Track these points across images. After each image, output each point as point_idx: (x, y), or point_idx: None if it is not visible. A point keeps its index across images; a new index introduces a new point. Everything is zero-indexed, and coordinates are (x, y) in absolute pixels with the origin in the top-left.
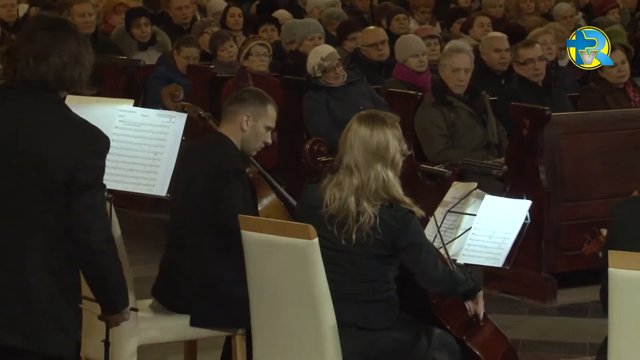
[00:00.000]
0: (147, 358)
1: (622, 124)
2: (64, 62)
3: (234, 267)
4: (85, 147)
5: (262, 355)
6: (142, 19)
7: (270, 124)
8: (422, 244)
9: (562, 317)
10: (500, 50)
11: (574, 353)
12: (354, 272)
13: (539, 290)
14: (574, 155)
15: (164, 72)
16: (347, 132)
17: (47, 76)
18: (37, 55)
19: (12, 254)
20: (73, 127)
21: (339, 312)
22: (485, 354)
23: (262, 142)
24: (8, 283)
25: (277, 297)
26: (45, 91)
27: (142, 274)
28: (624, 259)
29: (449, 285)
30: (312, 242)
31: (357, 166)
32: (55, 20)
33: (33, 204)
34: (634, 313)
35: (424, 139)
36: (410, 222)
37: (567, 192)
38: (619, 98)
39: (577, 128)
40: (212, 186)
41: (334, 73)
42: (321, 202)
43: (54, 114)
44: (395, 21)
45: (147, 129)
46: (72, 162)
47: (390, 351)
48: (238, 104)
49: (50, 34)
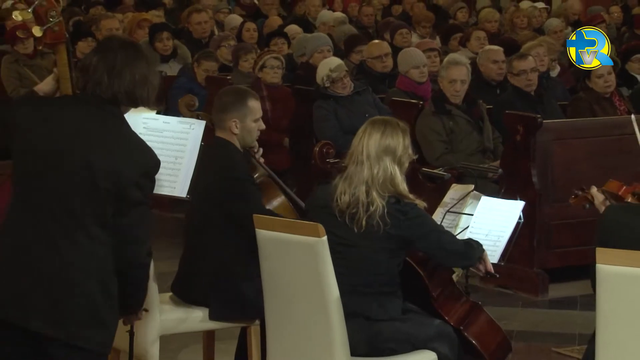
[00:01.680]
0: (168, 347)
1: (609, 130)
2: (135, 81)
3: (248, 265)
4: (136, 167)
5: (275, 345)
6: (164, 33)
7: (256, 116)
8: (436, 228)
9: (553, 310)
10: (497, 62)
11: (564, 343)
12: (362, 266)
13: (532, 285)
14: (564, 160)
15: (185, 83)
16: (361, 133)
17: (119, 92)
18: (110, 72)
19: (61, 252)
20: (128, 145)
21: (347, 304)
22: (481, 343)
23: (256, 133)
24: (56, 279)
25: (289, 290)
26: (110, 105)
27: (164, 269)
28: (611, 255)
29: (469, 254)
30: (322, 240)
31: (368, 158)
32: (127, 41)
33: (83, 208)
34: (620, 307)
35: (425, 145)
36: (418, 214)
37: (558, 194)
38: (606, 106)
39: (567, 134)
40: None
41: (341, 83)
42: (331, 200)
43: (113, 128)
44: (398, 35)
45: (168, 135)
46: (121, 178)
47: (394, 340)
48: (222, 113)
49: (123, 54)
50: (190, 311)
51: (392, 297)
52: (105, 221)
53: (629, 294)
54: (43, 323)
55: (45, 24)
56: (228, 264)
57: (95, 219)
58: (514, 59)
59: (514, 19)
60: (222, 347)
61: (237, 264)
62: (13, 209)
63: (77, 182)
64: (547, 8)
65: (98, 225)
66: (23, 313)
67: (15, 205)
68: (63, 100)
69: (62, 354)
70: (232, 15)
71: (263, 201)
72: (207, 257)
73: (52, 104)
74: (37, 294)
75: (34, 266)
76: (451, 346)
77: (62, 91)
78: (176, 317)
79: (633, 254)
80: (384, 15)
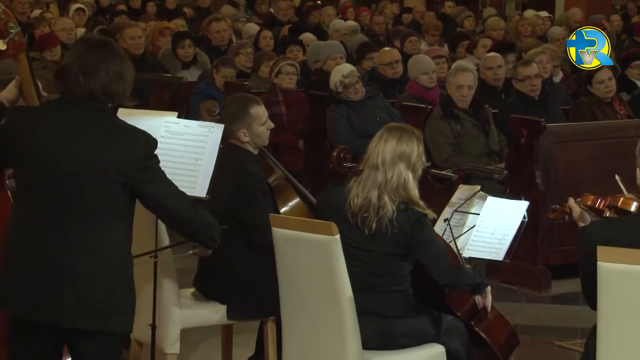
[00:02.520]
0: (188, 340)
1: (609, 133)
2: (110, 78)
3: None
4: (136, 152)
5: (291, 339)
6: (186, 41)
7: (262, 120)
8: (432, 242)
9: (555, 305)
10: (492, 68)
11: (566, 337)
12: (373, 266)
13: (535, 281)
14: (566, 162)
15: (204, 88)
16: (377, 139)
17: (96, 90)
18: (86, 72)
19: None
20: (123, 134)
21: (359, 301)
22: (490, 337)
23: (267, 133)
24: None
25: (303, 287)
26: (94, 102)
27: (185, 265)
28: (612, 253)
29: (457, 277)
30: (335, 238)
31: (383, 164)
32: (100, 41)
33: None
34: (620, 302)
35: (433, 147)
36: (424, 225)
37: (560, 194)
38: (607, 111)
39: (569, 137)
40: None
41: (353, 89)
42: (344, 202)
43: (103, 121)
44: (408, 43)
45: (189, 138)
46: (125, 166)
47: (404, 335)
48: (230, 125)
49: (97, 53)
50: (209, 306)
51: (402, 295)
52: (120, 209)
53: (628, 290)
54: (75, 318)
55: (7, 36)
56: (243, 263)
57: (110, 210)
58: (518, 65)
59: (518, 27)
60: (239, 340)
61: (252, 263)
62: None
63: (86, 179)
64: (550, 17)
65: (113, 214)
66: (54, 313)
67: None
68: (49, 105)
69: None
70: (250, 24)
71: (278, 203)
72: (224, 256)
73: (40, 110)
74: (64, 293)
75: (57, 266)
76: (461, 340)
77: (25, 96)
78: (196, 312)
79: (632, 252)
80: (395, 24)
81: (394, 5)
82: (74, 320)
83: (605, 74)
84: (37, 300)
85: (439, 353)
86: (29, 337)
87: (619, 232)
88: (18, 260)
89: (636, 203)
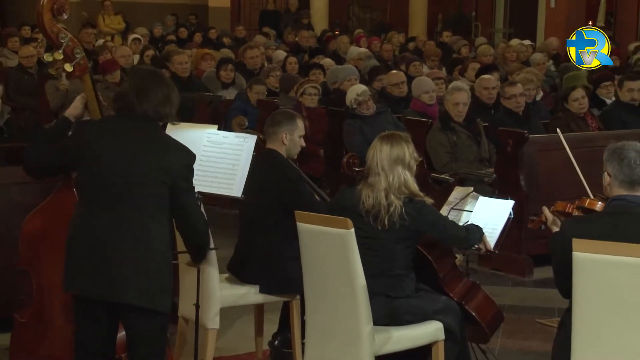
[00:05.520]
0: (226, 317)
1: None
2: (159, 101)
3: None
4: (182, 162)
5: (312, 316)
6: (229, 65)
7: (301, 133)
8: (441, 218)
9: (536, 288)
10: (488, 88)
11: (545, 315)
12: (383, 254)
13: (519, 268)
14: (546, 167)
15: (240, 105)
16: (373, 149)
17: (148, 111)
18: (139, 95)
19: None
20: (172, 146)
21: (370, 285)
22: (479, 315)
23: (299, 147)
24: (129, 259)
25: (324, 272)
26: (146, 120)
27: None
28: (585, 245)
29: (470, 238)
30: (350, 232)
31: (383, 170)
32: (150, 70)
33: (149, 200)
34: (591, 286)
35: (433, 155)
36: (428, 209)
37: (541, 195)
38: (580, 124)
39: (549, 147)
40: (282, 189)
41: (366, 105)
42: (357, 202)
43: (155, 136)
44: (412, 67)
45: (227, 147)
46: (173, 172)
47: (409, 313)
48: (277, 126)
49: (149, 80)
50: (244, 288)
51: (407, 278)
52: (164, 208)
53: (598, 276)
54: (127, 296)
55: (73, 60)
56: (276, 248)
57: (159, 207)
58: (505, 86)
59: (505, 53)
60: (269, 317)
61: (283, 248)
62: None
63: (142, 181)
64: (532, 45)
65: (161, 212)
66: (110, 291)
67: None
68: (110, 120)
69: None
70: (278, 51)
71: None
72: (258, 243)
73: (102, 123)
74: (117, 274)
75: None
76: (455, 317)
77: (90, 111)
78: (232, 293)
79: (601, 243)
80: (401, 51)
81: (400, 35)
82: (126, 298)
83: (579, 93)
84: (95, 280)
85: (438, 329)
86: (90, 312)
87: (589, 227)
88: (81, 246)
89: (600, 203)
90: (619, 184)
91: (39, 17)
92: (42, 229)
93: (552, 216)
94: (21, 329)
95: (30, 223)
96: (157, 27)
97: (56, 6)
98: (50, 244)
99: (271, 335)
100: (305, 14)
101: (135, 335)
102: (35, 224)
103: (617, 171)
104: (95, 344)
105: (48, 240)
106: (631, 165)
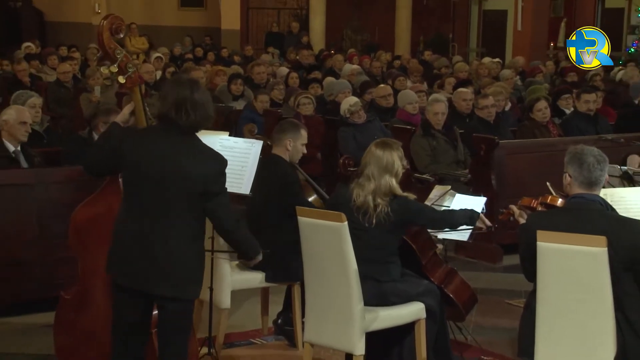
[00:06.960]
0: (236, 298)
1: (545, 148)
2: (199, 114)
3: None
4: (215, 167)
5: (311, 298)
6: (239, 80)
7: (304, 142)
8: (424, 207)
9: (506, 273)
10: (466, 100)
11: (513, 297)
12: (372, 243)
13: (491, 255)
14: (514, 169)
15: (248, 114)
16: (368, 153)
17: (187, 121)
18: (177, 107)
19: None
20: (208, 155)
21: (362, 270)
22: (457, 296)
23: (302, 153)
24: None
25: (321, 260)
26: (182, 130)
27: None
28: (548, 235)
29: (451, 220)
30: (344, 225)
31: (373, 176)
32: (189, 80)
33: (182, 204)
34: (553, 272)
35: (416, 158)
36: (410, 202)
37: (509, 192)
38: (544, 131)
39: (516, 151)
40: (283, 191)
41: (357, 115)
42: (350, 198)
43: (193, 145)
44: (398, 81)
45: (237, 151)
46: (206, 178)
47: (395, 295)
48: (282, 133)
49: (189, 91)
50: (252, 274)
51: (393, 264)
52: (198, 209)
53: (559, 263)
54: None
55: (126, 73)
56: (279, 241)
57: (191, 210)
58: (479, 98)
59: (478, 70)
60: (274, 299)
61: (285, 241)
62: (126, 207)
63: (174, 185)
64: (501, 62)
65: (193, 214)
66: (150, 283)
67: (128, 204)
68: (152, 128)
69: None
70: (282, 68)
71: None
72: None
73: (146, 131)
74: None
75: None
76: (435, 299)
77: (136, 119)
78: (242, 278)
79: (562, 234)
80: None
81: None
82: (159, 289)
83: (542, 104)
84: (135, 272)
85: (420, 309)
86: (128, 298)
87: (551, 220)
88: (122, 240)
89: (561, 199)
90: (578, 184)
91: (99, 35)
92: (90, 219)
93: (518, 210)
94: (65, 305)
95: (80, 213)
96: (176, 47)
97: (114, 26)
98: (96, 232)
99: (276, 314)
100: (305, 35)
101: (166, 315)
102: (84, 215)
103: (577, 173)
104: (131, 324)
105: (95, 229)
106: (590, 168)
